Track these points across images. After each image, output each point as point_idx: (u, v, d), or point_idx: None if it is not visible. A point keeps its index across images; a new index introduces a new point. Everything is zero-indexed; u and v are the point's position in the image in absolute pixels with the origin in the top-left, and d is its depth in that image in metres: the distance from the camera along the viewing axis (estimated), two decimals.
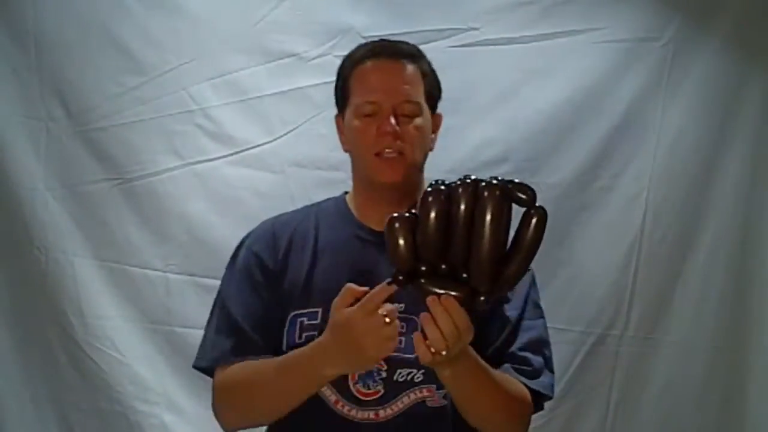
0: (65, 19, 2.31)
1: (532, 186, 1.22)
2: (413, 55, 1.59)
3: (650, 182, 2.35)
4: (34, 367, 2.38)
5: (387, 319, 1.33)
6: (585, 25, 2.32)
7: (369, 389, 1.51)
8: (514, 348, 1.58)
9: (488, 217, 1.20)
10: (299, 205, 1.72)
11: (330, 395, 1.51)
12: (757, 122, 2.32)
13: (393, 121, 1.53)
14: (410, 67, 1.57)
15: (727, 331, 2.36)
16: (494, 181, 1.21)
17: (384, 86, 1.55)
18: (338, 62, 2.25)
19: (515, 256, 1.24)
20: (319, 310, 1.55)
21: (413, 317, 1.52)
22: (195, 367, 1.61)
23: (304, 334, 1.55)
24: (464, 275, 1.25)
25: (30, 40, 2.30)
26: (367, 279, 1.52)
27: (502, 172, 2.27)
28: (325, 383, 1.51)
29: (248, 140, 2.35)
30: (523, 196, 1.23)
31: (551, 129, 2.34)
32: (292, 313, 1.57)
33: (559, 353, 2.25)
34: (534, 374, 1.58)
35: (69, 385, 2.37)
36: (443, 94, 2.24)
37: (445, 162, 2.29)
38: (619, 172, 2.35)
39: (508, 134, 2.35)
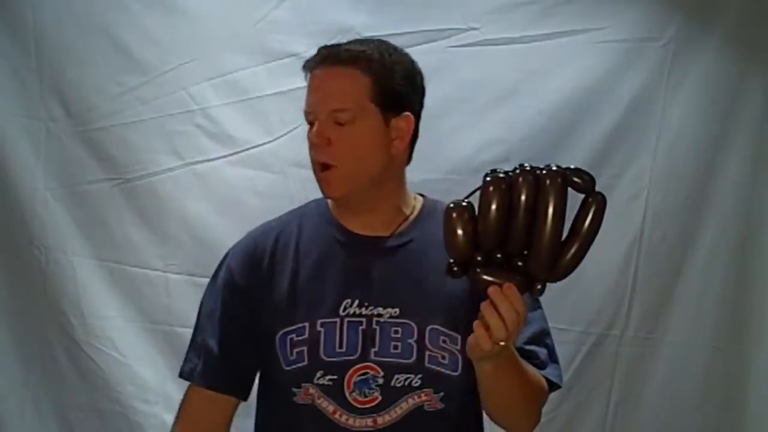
0: (65, 19, 2.31)
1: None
2: (355, 58, 1.50)
3: (650, 182, 2.35)
4: (34, 367, 2.39)
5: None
6: (585, 25, 2.32)
7: (366, 397, 1.50)
8: (519, 344, 1.57)
9: (551, 208, 1.22)
10: (299, 205, 1.70)
11: (327, 405, 1.50)
12: (757, 122, 2.32)
13: (318, 130, 1.48)
14: (346, 72, 1.49)
15: (727, 331, 2.36)
16: (554, 168, 1.24)
17: (316, 96, 1.50)
18: None
19: (573, 244, 1.26)
20: (306, 324, 1.54)
21: (408, 321, 1.53)
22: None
23: (294, 351, 1.53)
24: (519, 263, 1.26)
25: (30, 40, 2.31)
26: (352, 286, 1.54)
27: None
28: None
29: (248, 140, 2.35)
30: (581, 183, 1.25)
31: (551, 129, 2.34)
32: (281, 332, 1.55)
33: (559, 353, 2.26)
34: (542, 366, 1.58)
35: (69, 385, 2.38)
36: (444, 94, 2.24)
37: (445, 162, 2.32)
38: (619, 172, 2.35)
39: (508, 134, 2.35)
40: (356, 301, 1.54)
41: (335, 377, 1.51)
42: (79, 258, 2.35)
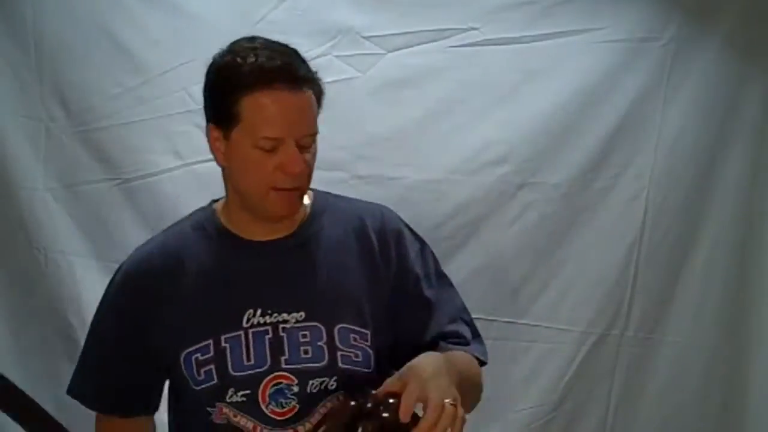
0: (65, 20, 2.30)
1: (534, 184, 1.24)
2: (307, 74, 1.46)
3: (650, 182, 2.34)
4: (33, 367, 2.38)
5: None
6: (585, 25, 2.31)
7: (283, 408, 1.48)
8: (442, 325, 1.58)
9: None
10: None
11: (246, 422, 1.48)
12: (758, 122, 2.32)
13: (298, 157, 1.44)
14: (309, 94, 1.45)
15: (727, 331, 2.36)
16: None
17: (286, 122, 1.43)
18: (339, 63, 2.31)
19: None
20: (210, 341, 1.51)
21: (316, 324, 1.51)
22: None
23: (202, 370, 1.50)
24: None
25: (30, 41, 2.30)
26: (252, 295, 1.52)
27: (503, 172, 2.33)
28: None
29: None
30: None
31: (552, 129, 2.34)
32: (184, 352, 1.52)
33: (559, 353, 2.35)
34: (467, 344, 1.59)
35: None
36: (444, 94, 2.25)
37: (444, 163, 2.33)
38: (619, 173, 2.35)
39: (508, 135, 2.34)
40: (259, 310, 1.51)
41: (248, 392, 1.48)
42: (78, 258, 2.35)
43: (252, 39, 1.52)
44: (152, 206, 2.35)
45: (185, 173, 2.35)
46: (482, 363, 1.61)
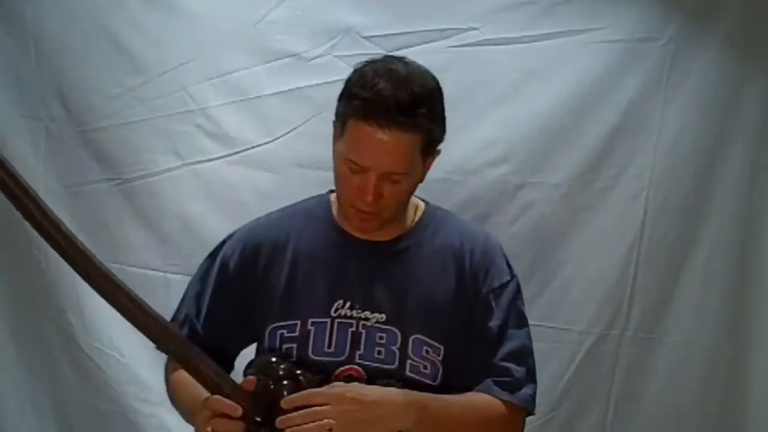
0: (65, 20, 2.32)
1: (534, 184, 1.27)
2: (413, 120, 1.51)
3: (650, 182, 2.35)
4: (34, 367, 2.41)
5: (209, 429, 1.47)
6: (585, 25, 2.32)
7: None
8: (496, 359, 1.62)
9: None
10: None
11: None
12: (758, 122, 2.32)
13: (373, 190, 1.53)
14: (406, 138, 1.52)
15: (728, 330, 2.36)
16: None
17: (373, 157, 1.52)
18: (338, 62, 2.32)
19: None
20: (298, 322, 1.60)
21: (392, 329, 1.59)
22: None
23: (284, 347, 1.59)
24: None
25: (29, 41, 2.32)
26: (345, 288, 1.61)
27: (503, 172, 2.34)
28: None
29: (248, 140, 2.36)
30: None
31: (551, 129, 2.34)
32: (271, 326, 1.62)
33: (559, 353, 2.35)
34: (515, 385, 1.62)
35: (69, 385, 2.40)
36: (444, 94, 2.24)
37: (444, 163, 2.25)
38: (619, 172, 2.35)
39: (508, 134, 2.35)
40: (348, 303, 1.60)
41: (320, 377, 1.55)
42: None
43: (397, 61, 1.60)
44: (152, 206, 2.37)
45: (185, 173, 2.36)
46: (528, 412, 1.66)
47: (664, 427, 2.41)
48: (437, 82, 1.63)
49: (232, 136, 2.36)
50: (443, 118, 1.62)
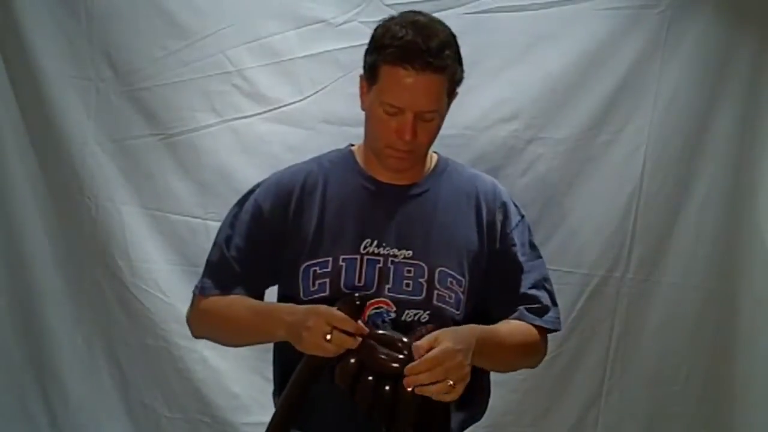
0: None
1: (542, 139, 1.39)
2: (444, 67, 1.63)
3: (649, 137, 2.46)
4: (85, 307, 2.52)
5: (329, 337, 1.49)
6: None
7: (378, 329, 1.59)
8: (524, 289, 1.76)
9: None
10: None
11: None
12: (747, 83, 2.44)
13: (411, 128, 1.62)
14: (437, 79, 1.62)
15: (719, 272, 2.49)
16: None
17: (409, 97, 1.61)
18: (363, 28, 2.39)
19: None
20: (330, 259, 1.69)
21: (420, 263, 1.69)
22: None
23: (317, 282, 1.68)
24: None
25: (81, 7, 2.41)
26: (373, 228, 1.70)
27: (513, 128, 2.46)
28: (275, 341, 1.70)
29: (280, 99, 2.47)
30: None
31: (557, 89, 2.46)
32: (305, 264, 1.69)
33: (565, 294, 2.42)
34: (543, 310, 1.76)
35: (117, 323, 2.52)
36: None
37: (460, 120, 2.40)
38: (620, 128, 2.47)
39: (518, 94, 2.47)
40: (375, 242, 1.70)
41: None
42: (125, 206, 2.48)
43: (416, 13, 1.70)
44: (193, 159, 2.48)
45: (223, 129, 2.47)
46: (555, 330, 1.80)
47: (662, 360, 2.53)
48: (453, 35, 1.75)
49: (266, 95, 2.47)
50: (462, 62, 1.73)
